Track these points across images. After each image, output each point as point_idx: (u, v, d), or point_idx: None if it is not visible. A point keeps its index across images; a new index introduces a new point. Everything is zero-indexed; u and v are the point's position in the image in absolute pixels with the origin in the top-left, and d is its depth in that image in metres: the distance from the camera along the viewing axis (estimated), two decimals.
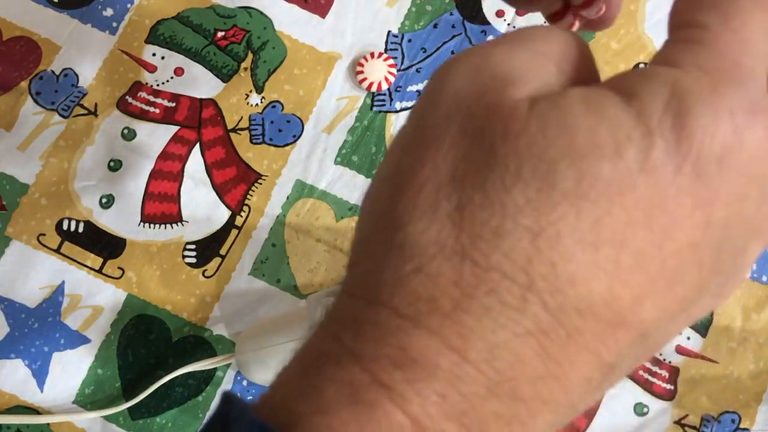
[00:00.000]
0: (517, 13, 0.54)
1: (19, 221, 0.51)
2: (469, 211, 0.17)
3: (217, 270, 0.50)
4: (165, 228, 0.51)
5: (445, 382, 0.16)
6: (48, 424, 0.48)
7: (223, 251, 0.51)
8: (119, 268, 0.50)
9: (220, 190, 0.52)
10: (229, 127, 0.53)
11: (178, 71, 0.54)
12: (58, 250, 0.51)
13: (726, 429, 0.47)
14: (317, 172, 0.52)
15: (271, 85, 0.53)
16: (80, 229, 0.51)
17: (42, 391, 0.48)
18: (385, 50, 0.54)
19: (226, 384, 0.48)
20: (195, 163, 0.52)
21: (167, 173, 0.52)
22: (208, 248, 0.51)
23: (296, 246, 0.51)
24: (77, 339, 0.49)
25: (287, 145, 0.52)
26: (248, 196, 0.52)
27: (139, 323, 0.50)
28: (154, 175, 0.52)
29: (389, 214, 0.18)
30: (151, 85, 0.54)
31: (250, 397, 0.48)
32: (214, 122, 0.53)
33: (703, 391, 0.48)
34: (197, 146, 0.53)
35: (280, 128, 0.53)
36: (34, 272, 0.50)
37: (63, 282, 0.50)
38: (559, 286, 0.16)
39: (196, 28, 0.55)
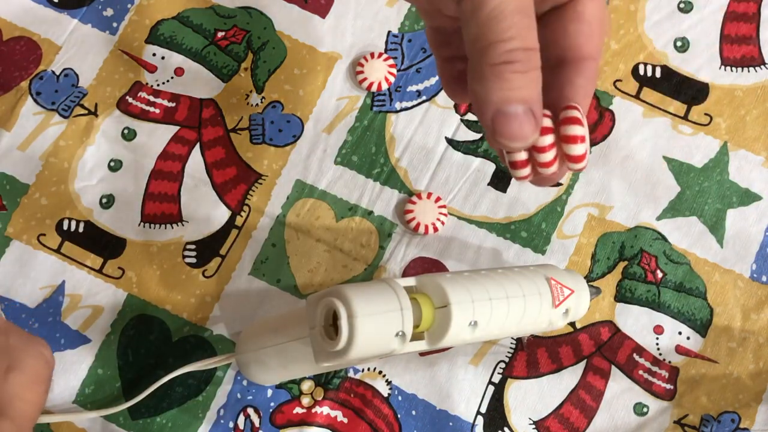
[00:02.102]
0: None
1: (19, 221, 0.51)
2: None
3: (217, 270, 0.50)
4: (165, 228, 0.51)
5: None
6: (48, 423, 0.48)
7: (223, 251, 0.51)
8: (119, 268, 0.50)
9: (220, 190, 0.52)
10: (229, 127, 0.53)
11: (179, 71, 0.54)
12: (58, 250, 0.51)
13: (726, 429, 0.47)
14: (317, 172, 0.52)
15: (271, 85, 0.53)
16: (80, 229, 0.51)
17: None
18: (385, 50, 0.54)
19: (226, 384, 0.48)
20: (195, 163, 0.52)
21: (167, 173, 0.52)
22: (208, 248, 0.51)
23: (296, 246, 0.51)
24: (77, 339, 0.49)
25: (287, 145, 0.53)
26: (248, 196, 0.52)
27: (139, 323, 0.50)
28: (154, 175, 0.52)
29: None
30: (152, 85, 0.54)
31: (250, 397, 0.48)
32: (214, 122, 0.53)
33: (702, 390, 0.48)
34: (197, 146, 0.53)
35: (280, 128, 0.53)
36: (34, 272, 0.50)
37: (63, 282, 0.50)
38: None
39: (196, 28, 0.55)
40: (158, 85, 0.54)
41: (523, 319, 0.39)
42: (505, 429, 0.47)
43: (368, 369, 0.49)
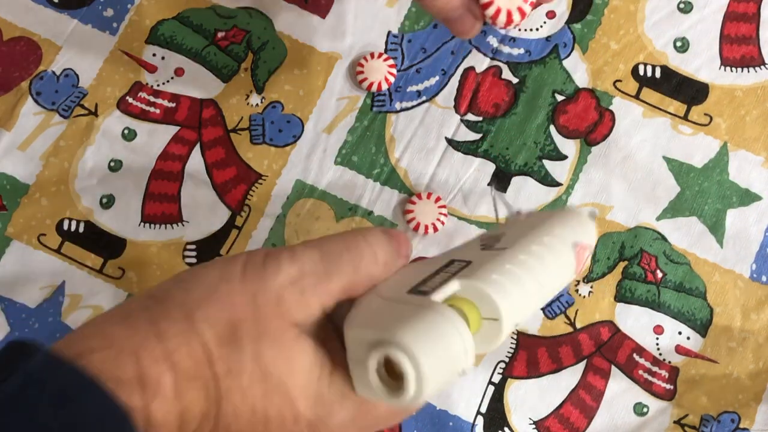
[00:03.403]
0: None
1: (20, 221, 0.51)
2: None
3: None
4: (165, 228, 0.51)
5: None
6: None
7: (223, 251, 0.51)
8: (119, 268, 0.51)
9: (221, 190, 0.52)
10: (230, 127, 0.53)
11: (179, 71, 0.54)
12: (58, 250, 0.51)
13: (725, 429, 0.47)
14: (317, 172, 0.52)
15: (271, 86, 0.54)
16: (80, 229, 0.51)
17: None
18: (385, 50, 0.54)
19: None
20: (195, 163, 0.52)
21: (167, 173, 0.52)
22: (208, 248, 0.51)
23: None
24: None
25: (287, 145, 0.53)
26: (248, 196, 0.52)
27: None
28: (154, 175, 0.52)
29: None
30: (152, 86, 0.54)
31: None
32: (215, 122, 0.53)
33: (702, 390, 0.48)
34: (197, 146, 0.53)
35: (280, 128, 0.53)
36: (34, 272, 0.50)
37: (63, 282, 0.50)
38: None
39: (196, 29, 0.55)
40: (158, 85, 0.54)
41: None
42: (505, 429, 0.47)
43: None
